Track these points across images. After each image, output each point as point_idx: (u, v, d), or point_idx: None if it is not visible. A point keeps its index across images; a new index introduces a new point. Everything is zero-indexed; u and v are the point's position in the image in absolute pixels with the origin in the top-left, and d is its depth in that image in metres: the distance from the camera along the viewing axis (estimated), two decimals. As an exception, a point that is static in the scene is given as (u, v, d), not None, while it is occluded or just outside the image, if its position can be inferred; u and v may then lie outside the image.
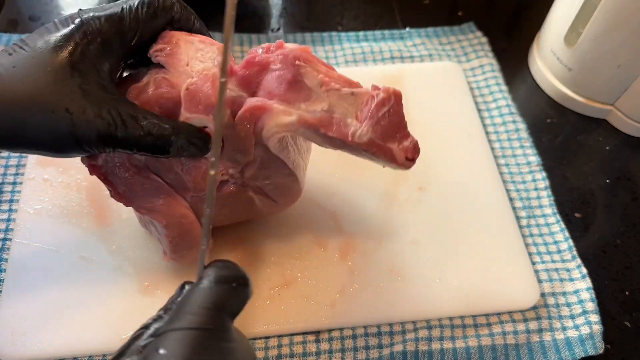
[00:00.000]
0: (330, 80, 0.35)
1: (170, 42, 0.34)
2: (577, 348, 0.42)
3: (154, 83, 0.34)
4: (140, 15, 0.32)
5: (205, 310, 0.25)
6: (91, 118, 0.30)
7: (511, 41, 0.65)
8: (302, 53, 0.35)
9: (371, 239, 0.47)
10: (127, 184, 0.37)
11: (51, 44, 0.30)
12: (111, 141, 0.31)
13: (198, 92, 0.33)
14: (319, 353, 0.42)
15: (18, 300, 0.42)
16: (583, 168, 0.55)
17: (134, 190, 0.37)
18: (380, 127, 0.35)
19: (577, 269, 0.46)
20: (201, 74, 0.34)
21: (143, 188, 0.37)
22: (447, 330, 0.43)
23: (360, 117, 0.35)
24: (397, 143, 0.36)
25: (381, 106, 0.35)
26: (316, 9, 0.67)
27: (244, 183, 0.39)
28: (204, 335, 0.24)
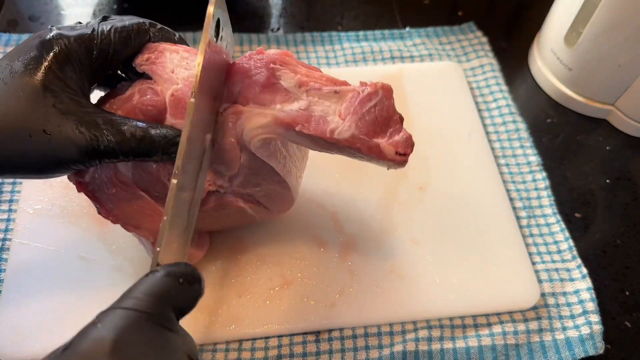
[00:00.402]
0: (310, 80, 0.34)
1: (156, 50, 0.34)
2: (578, 348, 0.42)
3: (139, 92, 0.34)
4: (112, 38, 0.33)
5: (149, 297, 0.25)
6: (70, 135, 0.30)
7: (511, 41, 0.65)
8: (279, 56, 0.35)
9: (371, 239, 0.47)
10: (114, 200, 0.37)
11: (22, 68, 0.30)
12: (95, 154, 0.31)
13: (183, 98, 0.33)
14: (319, 353, 0.42)
15: (18, 300, 0.42)
16: (583, 168, 0.55)
17: (121, 207, 0.37)
18: (365, 122, 0.34)
19: (577, 269, 0.46)
20: (186, 80, 0.33)
21: (130, 205, 0.37)
22: (447, 330, 0.43)
23: (343, 114, 0.34)
24: (387, 138, 0.35)
25: (366, 101, 0.34)
26: (316, 9, 0.67)
27: (233, 191, 0.39)
28: (142, 317, 0.24)
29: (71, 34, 0.31)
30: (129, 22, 0.34)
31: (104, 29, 0.33)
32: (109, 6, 0.64)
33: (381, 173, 0.51)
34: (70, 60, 0.31)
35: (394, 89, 0.56)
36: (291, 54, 0.35)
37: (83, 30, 0.32)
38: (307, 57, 0.60)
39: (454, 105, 0.56)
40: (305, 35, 0.62)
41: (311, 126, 0.34)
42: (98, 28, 0.32)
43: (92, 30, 0.32)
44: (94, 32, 0.32)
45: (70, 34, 0.32)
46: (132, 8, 0.64)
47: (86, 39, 0.32)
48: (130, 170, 0.36)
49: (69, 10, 0.64)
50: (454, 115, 0.56)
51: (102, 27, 0.33)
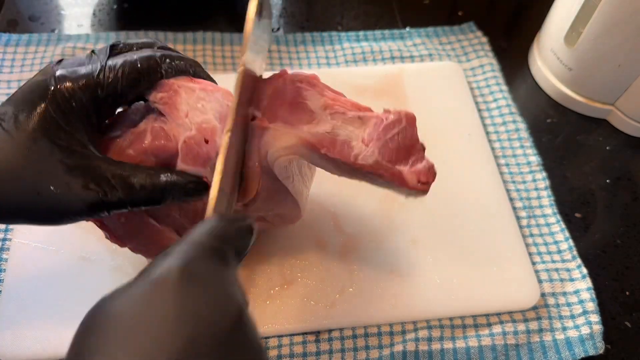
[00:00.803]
0: (335, 104, 0.34)
1: (170, 89, 0.33)
2: (578, 348, 0.42)
3: (151, 133, 0.33)
4: (120, 79, 0.31)
5: (210, 236, 0.25)
6: (78, 192, 0.29)
7: (511, 41, 0.65)
8: (305, 77, 0.35)
9: (371, 239, 0.47)
10: (124, 229, 0.36)
11: (26, 119, 0.29)
12: (104, 207, 0.30)
13: (196, 146, 0.32)
14: (319, 353, 0.42)
15: (18, 300, 0.42)
16: (583, 168, 0.55)
17: (130, 234, 0.36)
18: (388, 149, 0.34)
19: (578, 269, 0.46)
20: (200, 126, 0.32)
21: (139, 232, 0.36)
22: (447, 330, 0.43)
23: (367, 140, 0.34)
24: (409, 166, 0.35)
25: (390, 128, 0.34)
26: (316, 9, 0.67)
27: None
28: (208, 251, 0.24)
29: (75, 77, 0.30)
30: (138, 57, 0.32)
31: (111, 68, 0.31)
32: (109, 6, 0.64)
33: (381, 173, 0.51)
34: (75, 109, 0.30)
35: (394, 88, 0.57)
36: (317, 76, 0.35)
37: (88, 71, 0.30)
38: (307, 57, 0.60)
39: (454, 105, 0.56)
40: (305, 35, 0.62)
41: (336, 150, 0.34)
42: (105, 67, 0.31)
43: (98, 71, 0.31)
44: (100, 76, 0.30)
45: (74, 76, 0.30)
46: (132, 8, 0.64)
47: (92, 85, 0.30)
48: None
49: (69, 10, 0.64)
50: (454, 115, 0.56)
51: (109, 66, 0.31)
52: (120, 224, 0.36)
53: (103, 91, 0.30)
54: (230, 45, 0.60)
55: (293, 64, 0.60)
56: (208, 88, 0.34)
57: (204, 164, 0.33)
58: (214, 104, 0.33)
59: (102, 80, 0.30)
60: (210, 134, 0.33)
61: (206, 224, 0.26)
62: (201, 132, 0.32)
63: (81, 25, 0.62)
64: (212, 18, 0.64)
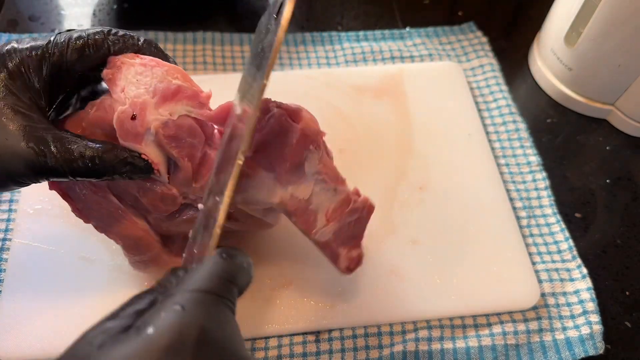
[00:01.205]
0: (324, 171, 0.36)
1: (115, 65, 0.33)
2: (578, 348, 0.42)
3: (98, 106, 0.34)
4: (66, 50, 0.32)
5: (218, 279, 0.25)
6: (17, 149, 0.29)
7: (511, 41, 0.65)
8: (316, 133, 0.35)
9: (371, 239, 0.47)
10: (85, 201, 0.36)
11: None
12: (42, 170, 0.30)
13: (126, 121, 0.32)
14: (319, 353, 0.42)
15: (18, 300, 0.42)
16: (583, 168, 0.55)
17: (92, 209, 0.37)
18: (342, 232, 0.37)
19: (578, 269, 0.46)
20: (132, 101, 0.32)
21: (100, 208, 0.37)
22: (447, 330, 0.43)
23: (330, 216, 0.36)
24: (347, 250, 0.38)
25: (351, 214, 0.37)
26: (316, 9, 0.67)
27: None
28: (218, 301, 0.24)
29: (25, 47, 0.31)
30: (86, 32, 0.33)
31: (58, 40, 0.32)
32: (109, 6, 0.64)
33: (381, 173, 0.51)
34: (22, 73, 0.30)
35: (394, 88, 0.57)
36: (324, 133, 0.36)
37: (37, 43, 0.31)
38: (307, 57, 0.60)
39: (454, 105, 0.56)
40: (305, 35, 0.62)
41: (303, 220, 0.36)
42: (53, 40, 0.32)
43: (47, 42, 0.31)
44: (48, 45, 0.31)
45: (23, 46, 0.31)
46: (132, 8, 0.64)
47: (39, 52, 0.31)
48: None
49: (69, 10, 0.64)
50: (454, 115, 0.56)
51: (57, 39, 0.32)
52: (82, 196, 0.36)
53: (49, 58, 0.31)
54: (230, 45, 0.60)
55: (293, 64, 0.60)
56: (149, 63, 0.34)
57: (135, 140, 0.32)
58: (150, 79, 0.33)
59: (50, 48, 0.31)
60: (139, 109, 0.32)
61: (211, 265, 0.26)
62: (132, 106, 0.32)
63: (81, 25, 0.62)
64: (212, 18, 0.64)
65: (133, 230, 0.38)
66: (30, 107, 0.31)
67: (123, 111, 0.32)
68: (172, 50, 0.59)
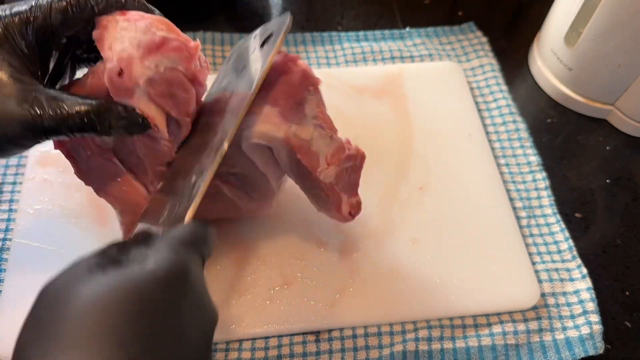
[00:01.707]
0: (321, 116, 0.37)
1: (101, 25, 0.33)
2: (578, 348, 0.42)
3: (92, 73, 0.34)
4: (49, 11, 0.32)
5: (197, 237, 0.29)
6: (11, 111, 0.29)
7: (511, 41, 0.65)
8: (315, 81, 0.37)
9: (371, 239, 0.47)
10: (89, 162, 0.37)
11: None
12: (38, 130, 0.30)
13: (115, 77, 0.32)
14: (319, 353, 0.42)
15: (18, 300, 0.42)
16: (583, 168, 0.55)
17: (94, 171, 0.38)
18: (342, 177, 0.39)
19: (578, 269, 0.46)
20: (118, 56, 0.32)
21: (102, 170, 0.38)
22: (447, 330, 0.43)
23: (329, 160, 0.38)
24: (347, 197, 0.40)
25: (347, 160, 0.39)
26: (316, 8, 0.67)
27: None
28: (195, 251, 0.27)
29: (7, 13, 0.31)
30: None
31: (40, 3, 0.31)
32: (109, 6, 0.64)
33: (381, 173, 0.51)
34: (8, 37, 0.30)
35: (394, 88, 0.57)
36: (320, 80, 0.38)
37: (20, 8, 0.31)
38: (307, 57, 0.60)
39: (454, 105, 0.56)
40: (305, 35, 0.62)
41: (307, 159, 0.37)
42: (35, 3, 0.31)
43: (29, 6, 0.31)
44: (30, 8, 0.31)
45: (6, 13, 0.31)
46: (132, 8, 0.64)
47: (23, 16, 0.31)
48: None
49: (69, 10, 0.64)
50: (454, 115, 0.56)
51: (39, 2, 0.32)
52: (86, 157, 0.37)
53: (34, 21, 0.31)
54: (230, 45, 0.60)
55: (293, 64, 0.60)
56: (132, 18, 0.33)
57: (127, 95, 0.33)
58: (133, 33, 0.33)
59: (33, 11, 0.31)
60: (125, 63, 0.32)
61: (187, 227, 0.29)
62: (118, 62, 0.32)
63: (81, 25, 0.62)
64: (212, 18, 0.64)
65: (132, 195, 0.38)
66: (20, 71, 0.30)
67: (111, 68, 0.32)
68: (172, 50, 0.59)
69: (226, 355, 0.41)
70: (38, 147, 0.49)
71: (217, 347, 0.41)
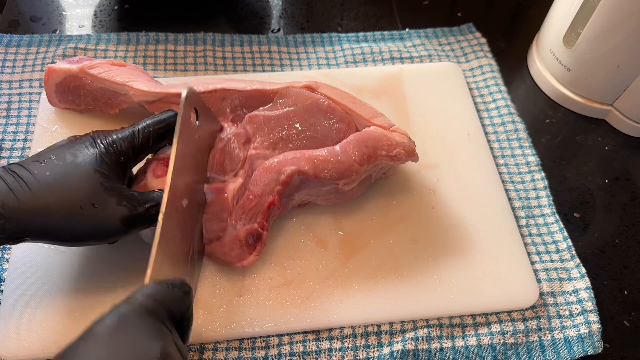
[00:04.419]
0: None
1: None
2: (576, 347, 0.42)
3: (145, 171, 0.43)
4: (151, 134, 0.40)
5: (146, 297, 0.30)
6: (114, 207, 0.36)
7: (510, 42, 0.65)
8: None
9: (371, 239, 0.47)
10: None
11: (76, 154, 0.37)
12: (132, 222, 0.37)
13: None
14: (319, 352, 0.42)
15: (18, 300, 0.42)
16: (582, 168, 0.55)
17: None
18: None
19: (576, 268, 0.47)
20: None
21: None
22: (447, 329, 0.43)
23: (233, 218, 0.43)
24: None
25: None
26: (316, 9, 0.67)
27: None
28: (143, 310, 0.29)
29: (115, 136, 0.39)
30: (166, 116, 0.41)
31: (140, 129, 0.40)
32: (110, 7, 0.64)
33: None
34: (116, 152, 0.38)
35: (394, 89, 0.57)
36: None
37: (125, 133, 0.39)
38: (307, 58, 0.61)
39: (453, 106, 0.57)
40: (305, 36, 0.62)
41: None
42: (136, 129, 0.40)
43: (132, 131, 0.39)
44: (133, 132, 0.39)
45: (115, 136, 0.39)
46: (134, 9, 0.64)
47: (129, 136, 0.39)
48: None
49: (70, 10, 0.64)
50: (453, 115, 0.56)
51: (138, 127, 0.40)
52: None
53: (136, 142, 0.39)
54: (230, 46, 0.60)
55: (293, 64, 0.60)
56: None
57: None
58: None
59: (136, 134, 0.40)
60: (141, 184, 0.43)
61: (142, 289, 0.31)
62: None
63: (82, 26, 0.63)
64: (213, 19, 0.65)
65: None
66: (119, 176, 0.38)
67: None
68: (172, 51, 0.59)
69: (227, 354, 0.41)
70: (41, 144, 0.49)
71: (218, 346, 0.42)
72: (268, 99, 0.47)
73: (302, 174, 0.42)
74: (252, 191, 0.42)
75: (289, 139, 0.45)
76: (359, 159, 0.43)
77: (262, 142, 0.45)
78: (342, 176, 0.42)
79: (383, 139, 0.44)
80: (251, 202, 0.42)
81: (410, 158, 0.45)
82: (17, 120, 0.53)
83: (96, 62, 0.49)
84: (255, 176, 0.43)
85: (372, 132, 0.45)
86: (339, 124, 0.46)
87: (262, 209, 0.42)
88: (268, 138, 0.45)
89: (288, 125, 0.45)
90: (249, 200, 0.42)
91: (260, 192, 0.42)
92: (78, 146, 0.38)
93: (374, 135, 0.44)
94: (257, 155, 0.44)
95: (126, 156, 0.39)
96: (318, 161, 0.42)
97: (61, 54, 0.57)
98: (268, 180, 0.42)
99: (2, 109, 0.54)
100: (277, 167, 0.42)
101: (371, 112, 0.47)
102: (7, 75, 0.56)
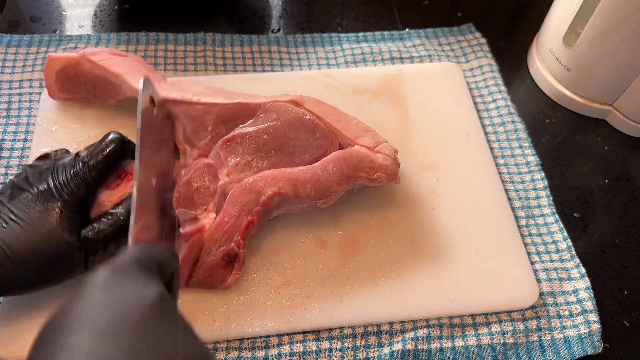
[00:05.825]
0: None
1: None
2: (576, 347, 0.42)
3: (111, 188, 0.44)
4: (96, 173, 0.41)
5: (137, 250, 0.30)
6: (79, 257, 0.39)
7: (510, 42, 0.65)
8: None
9: (371, 239, 0.47)
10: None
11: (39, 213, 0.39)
12: (111, 239, 0.40)
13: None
14: (319, 352, 0.42)
15: (18, 300, 0.42)
16: (582, 168, 0.55)
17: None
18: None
19: (576, 268, 0.47)
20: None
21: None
22: (447, 329, 0.43)
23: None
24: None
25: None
26: (316, 9, 0.67)
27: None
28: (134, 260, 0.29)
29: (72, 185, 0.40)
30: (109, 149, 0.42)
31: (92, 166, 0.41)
32: (110, 7, 0.65)
33: (381, 173, 0.51)
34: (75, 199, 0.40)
35: (394, 89, 0.57)
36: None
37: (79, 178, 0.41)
38: (307, 58, 0.61)
39: (453, 106, 0.57)
40: (305, 36, 0.62)
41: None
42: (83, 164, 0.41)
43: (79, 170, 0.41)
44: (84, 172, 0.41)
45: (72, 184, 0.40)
46: (133, 9, 0.64)
47: (82, 182, 0.40)
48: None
49: (70, 10, 0.64)
50: (453, 115, 0.56)
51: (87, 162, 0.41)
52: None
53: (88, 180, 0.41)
54: (230, 46, 0.60)
55: (293, 64, 0.60)
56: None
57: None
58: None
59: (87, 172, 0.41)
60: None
61: (131, 247, 0.33)
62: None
63: (82, 26, 0.63)
64: (213, 19, 0.65)
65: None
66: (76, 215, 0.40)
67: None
68: (172, 51, 0.59)
69: (227, 354, 0.41)
70: (41, 144, 0.49)
71: (218, 347, 0.42)
72: (252, 114, 0.46)
73: (282, 195, 0.42)
74: (228, 212, 0.42)
75: (265, 155, 0.45)
76: (337, 178, 0.43)
77: (236, 165, 0.44)
78: (321, 196, 0.43)
79: (365, 160, 0.44)
80: (226, 224, 0.42)
81: (391, 181, 0.45)
82: (17, 121, 0.53)
83: (97, 50, 0.49)
84: (232, 196, 0.42)
85: (355, 152, 0.44)
86: (321, 140, 0.45)
87: (239, 229, 0.42)
88: (243, 158, 0.44)
89: (265, 140, 0.45)
90: (224, 222, 0.42)
91: (237, 213, 0.42)
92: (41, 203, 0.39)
93: (355, 155, 0.44)
94: (231, 180, 0.44)
95: (85, 195, 0.41)
96: (298, 182, 0.42)
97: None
98: (246, 200, 0.42)
99: (2, 109, 0.54)
100: (256, 187, 0.42)
101: (357, 131, 0.47)
102: (7, 75, 0.56)
